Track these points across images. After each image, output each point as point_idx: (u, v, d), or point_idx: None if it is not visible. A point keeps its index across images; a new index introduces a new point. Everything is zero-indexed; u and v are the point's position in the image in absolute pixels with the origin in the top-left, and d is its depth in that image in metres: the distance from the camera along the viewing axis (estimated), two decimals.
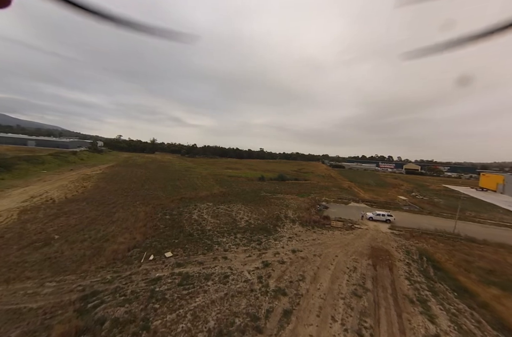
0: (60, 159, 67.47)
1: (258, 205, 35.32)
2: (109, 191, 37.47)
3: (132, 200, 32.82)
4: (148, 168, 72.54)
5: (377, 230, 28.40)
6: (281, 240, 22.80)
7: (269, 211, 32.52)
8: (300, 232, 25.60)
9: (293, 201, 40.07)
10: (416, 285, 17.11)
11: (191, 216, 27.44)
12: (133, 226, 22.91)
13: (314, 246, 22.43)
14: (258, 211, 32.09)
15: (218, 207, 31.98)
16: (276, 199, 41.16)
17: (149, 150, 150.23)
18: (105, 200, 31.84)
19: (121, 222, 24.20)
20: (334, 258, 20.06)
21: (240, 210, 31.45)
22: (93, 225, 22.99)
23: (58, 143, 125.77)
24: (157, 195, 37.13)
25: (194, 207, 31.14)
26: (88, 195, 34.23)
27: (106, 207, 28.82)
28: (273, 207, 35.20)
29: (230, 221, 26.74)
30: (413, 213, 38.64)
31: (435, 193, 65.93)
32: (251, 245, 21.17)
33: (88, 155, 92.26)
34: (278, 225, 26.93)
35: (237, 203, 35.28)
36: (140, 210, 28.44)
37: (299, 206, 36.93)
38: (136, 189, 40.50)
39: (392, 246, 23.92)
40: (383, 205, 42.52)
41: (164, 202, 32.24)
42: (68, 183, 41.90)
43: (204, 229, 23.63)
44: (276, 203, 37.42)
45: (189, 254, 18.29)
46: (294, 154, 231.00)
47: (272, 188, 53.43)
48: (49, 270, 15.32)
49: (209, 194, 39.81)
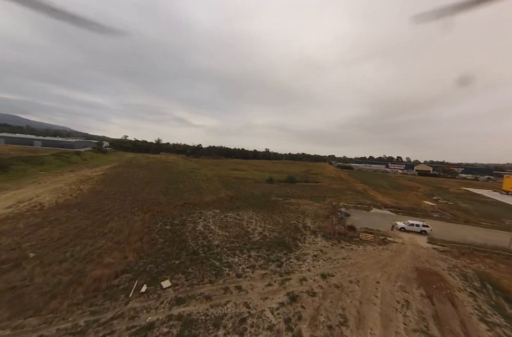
0: (61, 160, 64.55)
1: (271, 212, 31.01)
2: (106, 195, 33.73)
3: (129, 206, 28.94)
4: (151, 169, 69.04)
5: (415, 245, 23.74)
6: (305, 260, 18.45)
7: (285, 220, 28.19)
8: (325, 247, 21.18)
9: (308, 207, 35.63)
10: (497, 329, 12.57)
11: (195, 226, 23.30)
12: (126, 241, 18.90)
13: (347, 267, 18.01)
14: (272, 220, 27.79)
15: (226, 215, 27.80)
16: (289, 204, 36.78)
17: (154, 150, 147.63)
18: (100, 206, 28.03)
19: (114, 234, 20.23)
20: (377, 287, 15.61)
21: (252, 219, 27.19)
22: (80, 238, 19.07)
23: (64, 143, 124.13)
24: (158, 200, 33.20)
25: (199, 215, 27.03)
26: (82, 200, 30.51)
27: (99, 215, 24.96)
28: (288, 214, 30.85)
29: (242, 233, 22.50)
30: (446, 222, 33.71)
31: (457, 197, 60.40)
32: (270, 267, 16.89)
33: (91, 155, 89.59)
34: (297, 239, 22.57)
35: (247, 210, 31.05)
36: (137, 218, 24.47)
37: (317, 213, 32.48)
38: (136, 193, 36.70)
39: (441, 267, 19.29)
40: (409, 212, 37.66)
41: (165, 209, 28.24)
42: (63, 185, 38.41)
43: (211, 245, 19.43)
44: (290, 210, 33.05)
45: (192, 282, 14.10)
46: (300, 155, 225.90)
47: (282, 191, 49.07)
48: (8, 308, 11.34)
49: (216, 199, 35.71)
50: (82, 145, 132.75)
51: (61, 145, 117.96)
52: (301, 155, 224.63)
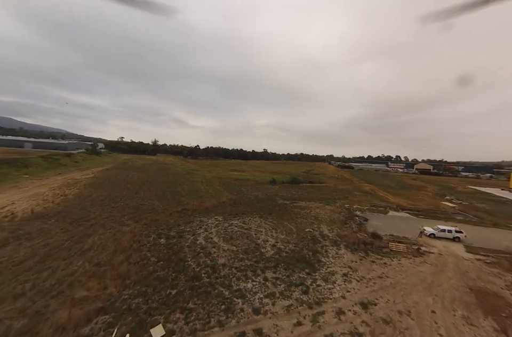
0: (49, 162, 59.84)
1: (281, 218, 27.19)
2: (94, 201, 29.54)
3: (119, 214, 24.82)
4: (147, 170, 64.70)
5: (455, 256, 20.12)
6: (334, 282, 14.64)
7: (298, 227, 24.38)
8: (354, 263, 17.41)
9: (320, 211, 31.89)
10: None
11: (195, 239, 19.29)
12: (110, 262, 14.87)
13: (387, 290, 14.26)
14: (284, 227, 23.95)
15: (230, 223, 23.85)
16: (298, 208, 33.00)
17: (150, 151, 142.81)
18: (84, 215, 23.87)
19: (95, 252, 16.18)
20: (435, 319, 11.89)
21: (261, 228, 23.30)
22: (50, 259, 14.98)
23: (57, 145, 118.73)
24: (153, 206, 29.12)
25: (199, 224, 23.02)
26: (65, 207, 26.30)
27: (81, 226, 20.83)
28: (300, 220, 27.06)
29: (251, 247, 18.59)
30: (473, 225, 30.27)
31: (469, 196, 57.33)
32: (294, 294, 13.04)
33: (84, 157, 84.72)
34: (318, 252, 18.77)
35: (253, 216, 27.17)
36: (127, 230, 20.40)
37: (331, 218, 28.75)
38: (128, 197, 32.54)
39: (498, 285, 15.66)
40: (429, 214, 34.16)
41: (160, 217, 24.19)
42: (46, 190, 34.05)
43: (216, 264, 15.48)
44: (301, 215, 29.26)
45: (194, 326, 10.14)
46: (299, 155, 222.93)
47: (288, 193, 45.30)
48: None
49: (217, 204, 31.75)
50: (76, 147, 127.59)
51: (54, 147, 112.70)
52: (300, 156, 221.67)
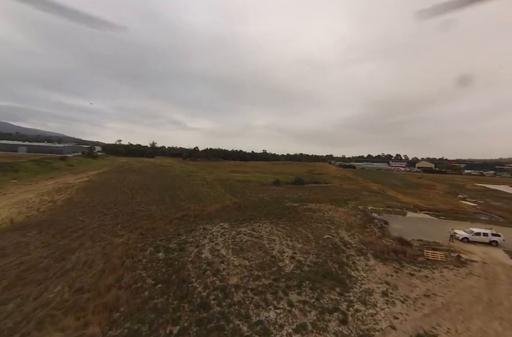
0: (41, 166, 56.60)
1: (294, 223, 24.31)
2: (84, 208, 26.50)
3: (111, 222, 21.80)
4: (145, 173, 61.61)
5: (501, 264, 17.34)
6: (375, 304, 11.77)
7: (314, 233, 21.51)
8: (389, 276, 14.56)
9: (334, 214, 29.07)
10: None
11: (200, 252, 16.32)
12: (95, 286, 11.89)
13: (441, 313, 11.41)
14: (299, 234, 21.06)
15: (238, 231, 20.88)
16: (309, 211, 30.15)
17: (148, 154, 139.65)
18: (71, 224, 20.84)
19: (78, 273, 13.19)
20: None
21: (273, 235, 20.38)
22: (21, 284, 11.98)
23: (52, 148, 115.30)
24: (150, 211, 26.11)
25: (203, 233, 20.03)
26: (50, 215, 23.24)
27: (65, 238, 17.81)
28: (314, 225, 24.19)
29: (267, 260, 15.67)
30: (501, 226, 27.57)
31: (481, 194, 54.83)
32: (330, 325, 10.14)
33: (79, 160, 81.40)
34: (345, 263, 15.90)
35: (262, 222, 24.27)
36: (119, 242, 17.40)
37: (348, 222, 25.93)
38: (123, 203, 29.52)
39: None
40: (451, 215, 31.45)
41: (158, 225, 21.18)
42: (34, 196, 30.93)
43: (227, 286, 12.54)
44: (314, 219, 26.41)
45: None
46: (298, 155, 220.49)
47: (294, 195, 42.47)
48: None
49: (221, 208, 28.81)
50: (72, 151, 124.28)
51: (49, 151, 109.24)
52: (300, 156, 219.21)
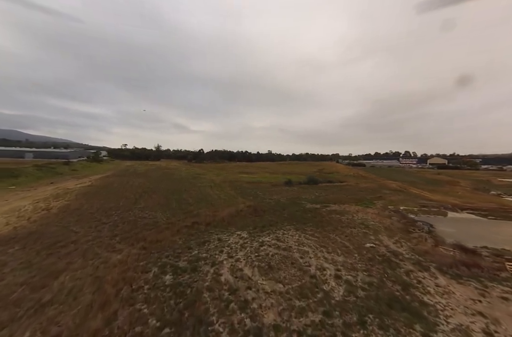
0: (43, 171, 54.29)
1: (323, 229, 20.46)
2: (81, 215, 23.26)
3: (109, 234, 18.39)
4: (149, 176, 58.67)
5: None
6: None
7: (352, 241, 17.62)
8: (477, 302, 10.57)
9: (364, 216, 25.08)
10: None
11: (218, 273, 12.64)
12: (76, 331, 8.38)
13: None
14: (334, 243, 17.21)
15: (261, 242, 17.14)
16: (335, 213, 26.24)
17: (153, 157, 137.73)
18: (63, 237, 17.52)
19: (58, 308, 9.70)
20: None
21: (304, 246, 16.57)
22: None
23: (58, 154, 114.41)
24: (154, 219, 22.66)
25: (218, 245, 16.38)
26: (41, 226, 20.02)
27: (51, 256, 14.45)
28: (347, 230, 20.28)
29: (306, 283, 11.89)
30: None
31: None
32: None
33: (84, 165, 79.35)
34: (408, 284, 11.97)
35: (285, 228, 20.51)
36: (116, 259, 13.91)
37: (385, 225, 21.91)
38: (126, 209, 26.22)
39: None
40: (501, 214, 27.00)
41: (164, 236, 17.64)
42: (28, 203, 27.96)
43: (262, 328, 8.80)
44: (345, 223, 22.49)
45: None
46: (304, 155, 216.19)
47: (311, 195, 38.59)
48: None
49: (234, 213, 25.18)
50: (78, 156, 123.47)
51: (55, 156, 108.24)
52: (305, 156, 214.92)
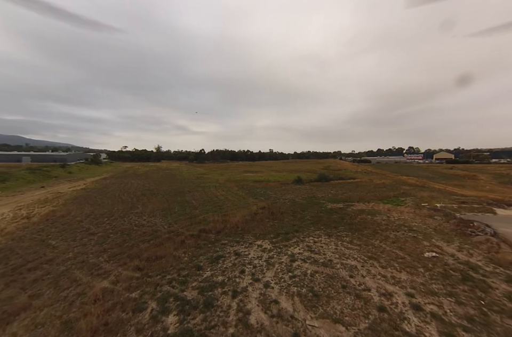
0: (36, 174, 50.56)
1: (360, 233, 16.49)
2: (66, 224, 19.38)
3: (96, 248, 14.48)
4: (149, 177, 54.88)
5: None
6: None
7: (404, 249, 13.62)
8: None
9: (400, 216, 21.08)
10: None
11: (242, 310, 8.56)
12: None
13: None
14: (384, 253, 13.22)
15: (291, 255, 13.17)
16: (365, 213, 22.25)
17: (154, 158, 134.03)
18: (34, 255, 13.61)
19: None
20: None
21: (347, 258, 12.59)
22: None
23: (56, 157, 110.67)
24: (154, 227, 18.74)
25: (236, 262, 12.41)
26: (13, 240, 16.11)
27: (12, 285, 10.49)
28: (391, 234, 16.29)
29: (375, 321, 7.93)
30: None
31: None
32: None
33: (81, 167, 75.73)
34: None
35: (314, 234, 16.55)
36: (98, 289, 9.99)
37: (432, 226, 17.90)
38: (120, 215, 22.34)
39: None
40: None
41: (165, 250, 13.66)
42: (9, 210, 24.11)
43: None
44: (383, 225, 18.48)
45: None
46: (307, 153, 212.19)
47: (327, 194, 34.69)
48: None
49: (248, 217, 21.23)
50: (77, 158, 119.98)
51: (53, 160, 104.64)
52: (308, 154, 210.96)
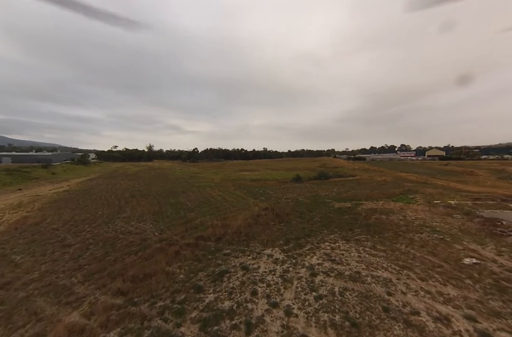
0: (14, 176, 46.31)
1: (381, 237, 14.43)
2: (37, 234, 16.41)
3: (68, 266, 11.72)
4: (140, 178, 51.55)
5: None
6: None
7: (437, 255, 11.61)
8: None
9: (417, 215, 19.26)
10: None
11: None
12: None
13: None
14: (416, 260, 11.17)
15: (308, 266, 10.92)
16: (379, 213, 20.30)
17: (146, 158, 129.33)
18: None
19: None
20: None
21: (376, 268, 10.45)
22: None
23: (39, 157, 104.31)
24: (142, 234, 16.06)
25: (244, 279, 10.00)
26: None
27: None
28: (414, 237, 14.31)
29: None
30: None
31: None
32: None
33: (66, 168, 71.17)
34: None
35: (329, 239, 14.38)
36: (62, 327, 7.39)
37: (455, 226, 16.13)
38: (104, 220, 19.48)
39: None
40: None
41: (155, 265, 11.09)
42: None
43: None
44: (401, 226, 16.52)
45: None
46: (301, 152, 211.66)
47: (331, 192, 32.77)
48: None
49: (251, 219, 18.88)
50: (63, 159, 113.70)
51: (36, 160, 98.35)
52: (302, 152, 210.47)
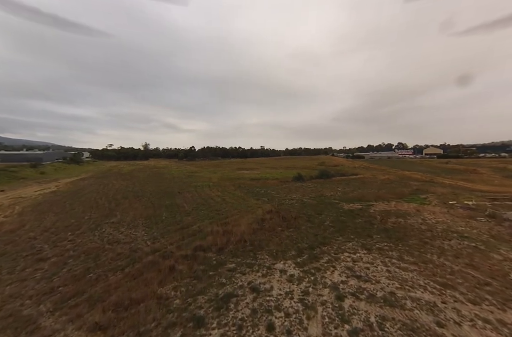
0: (0, 175, 43.42)
1: (406, 245, 12.56)
2: (10, 244, 14.10)
3: (38, 289, 9.54)
4: (135, 177, 49.02)
5: None
6: None
7: (478, 268, 9.76)
8: None
9: (437, 218, 17.50)
10: None
11: None
12: None
13: None
14: (456, 276, 9.31)
15: (331, 286, 8.99)
16: (393, 215, 18.49)
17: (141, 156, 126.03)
18: None
19: None
20: None
21: (412, 287, 8.49)
22: None
23: (29, 156, 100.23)
24: (132, 243, 13.90)
25: (255, 306, 7.84)
26: None
27: None
28: (442, 244, 12.49)
29: None
30: None
31: None
32: None
33: (57, 167, 68.11)
34: None
35: (347, 248, 12.47)
36: None
37: (483, 231, 14.39)
38: (90, 226, 17.23)
39: None
40: None
41: (144, 286, 8.99)
42: None
43: None
44: (425, 231, 14.72)
45: None
46: (298, 150, 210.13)
47: (336, 192, 30.98)
48: None
49: (255, 224, 16.88)
50: (56, 158, 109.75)
51: (26, 159, 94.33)
52: (300, 150, 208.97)
